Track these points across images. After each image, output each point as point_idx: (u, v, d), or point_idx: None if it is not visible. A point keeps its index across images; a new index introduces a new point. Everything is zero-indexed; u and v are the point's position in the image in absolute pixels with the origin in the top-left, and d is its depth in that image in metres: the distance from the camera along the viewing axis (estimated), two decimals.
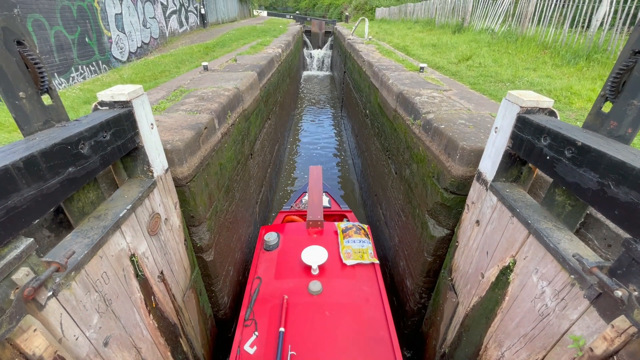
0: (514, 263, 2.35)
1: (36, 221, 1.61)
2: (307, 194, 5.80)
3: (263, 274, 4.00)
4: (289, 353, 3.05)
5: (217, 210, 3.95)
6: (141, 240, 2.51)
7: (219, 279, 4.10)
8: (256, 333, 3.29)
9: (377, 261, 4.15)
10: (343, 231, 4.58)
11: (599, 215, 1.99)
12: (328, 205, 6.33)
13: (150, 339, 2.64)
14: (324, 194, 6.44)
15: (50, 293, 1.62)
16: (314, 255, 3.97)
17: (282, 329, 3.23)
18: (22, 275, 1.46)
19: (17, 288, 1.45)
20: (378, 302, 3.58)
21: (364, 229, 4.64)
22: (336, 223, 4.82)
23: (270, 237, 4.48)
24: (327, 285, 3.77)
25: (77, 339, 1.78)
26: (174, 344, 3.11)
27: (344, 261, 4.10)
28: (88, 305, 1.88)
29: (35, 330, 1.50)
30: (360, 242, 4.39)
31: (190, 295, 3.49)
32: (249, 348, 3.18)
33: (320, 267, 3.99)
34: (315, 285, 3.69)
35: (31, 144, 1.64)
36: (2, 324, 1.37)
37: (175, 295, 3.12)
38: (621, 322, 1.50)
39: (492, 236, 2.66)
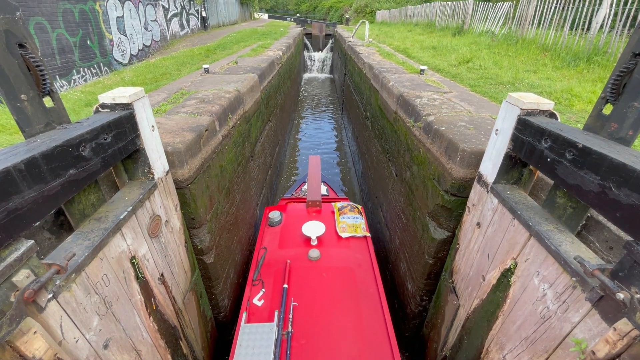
0: (515, 265, 2.35)
1: (37, 223, 1.61)
2: (306, 183, 6.24)
3: (268, 245, 4.53)
4: (292, 304, 3.59)
5: (217, 213, 3.95)
6: (142, 242, 2.51)
7: (219, 282, 4.09)
8: (263, 290, 3.82)
9: (369, 234, 4.70)
10: (339, 209, 5.12)
11: (601, 218, 1.98)
12: (326, 194, 6.65)
13: (150, 342, 2.63)
14: (322, 183, 6.85)
15: (51, 295, 1.62)
16: (313, 229, 4.48)
17: (285, 286, 3.77)
18: (22, 277, 1.46)
19: (18, 290, 1.45)
20: (369, 267, 4.16)
21: (357, 208, 5.21)
22: (333, 203, 5.39)
23: (274, 214, 4.99)
24: (325, 253, 4.30)
25: (77, 341, 1.78)
26: (174, 346, 3.10)
27: (340, 234, 4.65)
28: (88, 308, 1.88)
29: (35, 332, 1.49)
30: (354, 218, 4.94)
31: (190, 297, 3.48)
32: (257, 301, 3.71)
33: (319, 238, 4.54)
34: (314, 253, 4.22)
35: (32, 146, 1.65)
36: (2, 326, 1.37)
37: (175, 297, 3.12)
38: (623, 325, 1.50)
39: (493, 238, 2.65)
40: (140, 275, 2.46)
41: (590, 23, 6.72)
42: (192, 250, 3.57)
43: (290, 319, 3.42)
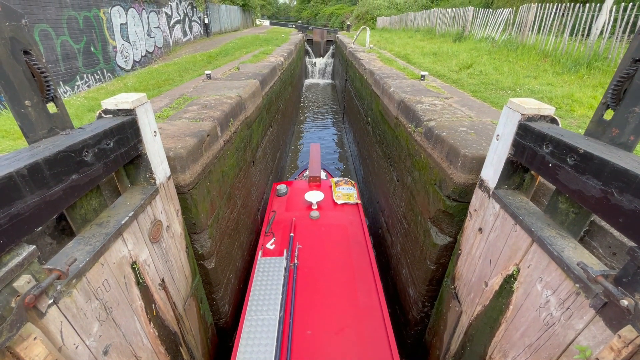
0: (518, 271, 2.33)
1: (39, 228, 1.62)
2: (307, 170, 7.12)
3: (277, 209, 5.52)
4: (297, 246, 4.55)
5: (218, 218, 3.94)
6: (143, 247, 2.51)
7: (220, 287, 4.07)
8: (274, 238, 4.80)
9: (359, 202, 5.75)
10: (335, 183, 6.19)
11: (603, 223, 1.97)
12: (324, 178, 7.29)
13: (151, 348, 2.62)
14: (322, 170, 7.79)
15: (51, 301, 1.61)
16: (314, 196, 5.49)
17: (291, 234, 4.76)
18: (23, 282, 1.46)
19: (19, 295, 1.45)
20: (359, 226, 5.10)
21: (351, 182, 6.28)
22: (330, 179, 6.42)
23: (281, 187, 6.08)
24: (323, 214, 5.34)
25: (77, 347, 1.77)
26: (174, 352, 3.08)
27: (336, 201, 5.69)
28: (89, 313, 1.87)
29: (35, 338, 1.49)
30: (347, 189, 6.01)
31: (191, 303, 3.47)
32: (269, 246, 4.65)
33: (318, 203, 5.50)
34: (314, 213, 5.27)
35: (35, 152, 1.66)
36: (2, 332, 1.36)
37: (176, 303, 3.10)
38: (628, 332, 1.48)
39: (495, 244, 2.64)
40: (141, 281, 2.45)
41: (590, 29, 6.76)
42: (193, 255, 3.57)
43: (296, 256, 4.38)
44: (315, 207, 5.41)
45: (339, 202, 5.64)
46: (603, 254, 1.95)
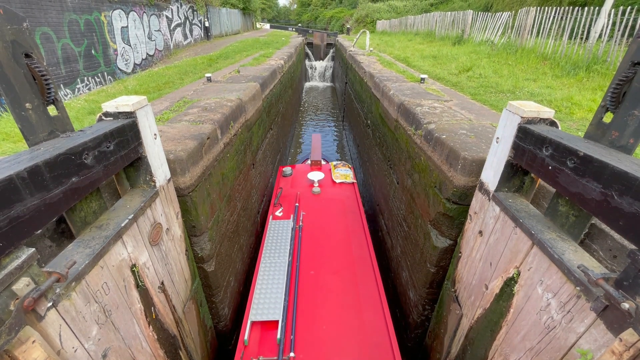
0: (518, 274, 2.32)
1: (38, 231, 1.61)
2: (309, 159, 8.04)
3: (283, 186, 6.50)
4: (302, 213, 5.61)
5: (218, 220, 3.94)
6: (142, 250, 2.50)
7: (219, 290, 4.06)
8: (282, 207, 5.81)
9: (355, 181, 6.85)
10: (334, 165, 7.36)
11: (604, 226, 1.97)
12: (325, 164, 8.23)
13: (150, 351, 2.60)
14: (322, 160, 8.92)
15: (50, 304, 1.61)
16: (316, 175, 6.57)
17: (297, 204, 5.79)
18: (22, 285, 1.45)
19: (17, 298, 1.44)
20: (355, 201, 6.15)
21: (348, 165, 7.44)
22: (330, 162, 7.66)
23: (287, 169, 7.18)
24: (324, 190, 6.40)
25: (75, 350, 1.76)
26: (174, 356, 3.06)
27: (335, 180, 6.75)
28: (88, 317, 1.86)
29: (34, 341, 1.48)
30: (345, 170, 7.14)
31: (190, 306, 3.45)
32: (278, 213, 5.63)
33: (319, 182, 6.51)
34: (316, 189, 6.31)
35: (36, 154, 1.66)
36: (0, 335, 1.36)
37: (175, 306, 3.09)
38: (629, 335, 1.47)
39: (496, 247, 2.63)
40: (140, 284, 2.44)
41: (588, 32, 6.78)
42: (193, 258, 3.56)
43: (301, 220, 5.38)
44: (316, 184, 6.41)
45: (338, 181, 6.70)
46: (603, 257, 1.94)
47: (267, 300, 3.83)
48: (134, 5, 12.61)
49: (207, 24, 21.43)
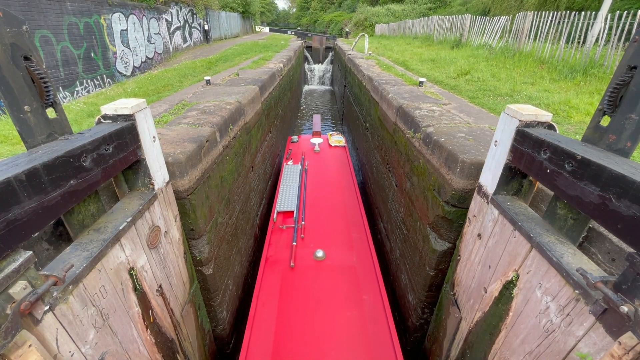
0: (517, 277, 2.32)
1: (36, 234, 1.61)
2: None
3: (292, 148, 8.56)
4: (307, 162, 7.62)
5: (217, 223, 3.93)
6: (140, 253, 2.49)
7: (218, 293, 4.04)
8: (292, 160, 7.81)
9: (346, 146, 8.94)
10: (330, 134, 9.51)
11: (602, 229, 1.97)
12: (324, 135, 10.24)
13: (147, 355, 2.58)
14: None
15: (47, 307, 1.59)
16: (317, 140, 9.03)
17: (303, 157, 7.82)
18: (19, 289, 1.44)
19: (14, 302, 1.43)
20: (345, 159, 8.00)
21: (341, 134, 9.75)
22: (327, 134, 9.72)
23: (294, 137, 9.31)
24: (322, 151, 8.50)
25: (72, 355, 1.74)
26: None
27: (331, 144, 8.90)
28: (85, 320, 1.85)
29: (30, 345, 1.47)
30: (339, 137, 9.30)
31: (188, 309, 3.43)
32: (289, 163, 7.68)
33: (319, 145, 8.74)
34: (317, 149, 8.44)
35: (34, 157, 1.66)
36: None
37: (173, 309, 3.07)
38: (628, 338, 1.47)
39: (494, 250, 2.63)
40: (138, 287, 2.43)
41: (585, 37, 6.84)
42: (191, 261, 3.54)
43: (307, 165, 7.39)
44: (317, 147, 8.57)
45: (333, 144, 8.87)
46: (602, 260, 1.95)
47: (287, 199, 5.95)
48: (134, 8, 12.64)
49: (206, 27, 21.50)
